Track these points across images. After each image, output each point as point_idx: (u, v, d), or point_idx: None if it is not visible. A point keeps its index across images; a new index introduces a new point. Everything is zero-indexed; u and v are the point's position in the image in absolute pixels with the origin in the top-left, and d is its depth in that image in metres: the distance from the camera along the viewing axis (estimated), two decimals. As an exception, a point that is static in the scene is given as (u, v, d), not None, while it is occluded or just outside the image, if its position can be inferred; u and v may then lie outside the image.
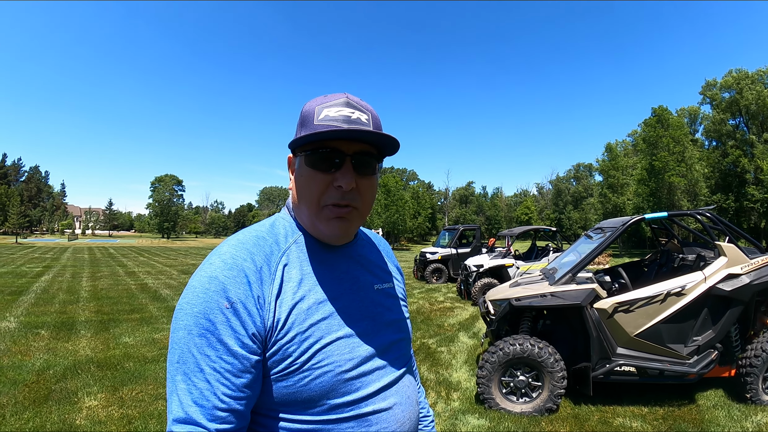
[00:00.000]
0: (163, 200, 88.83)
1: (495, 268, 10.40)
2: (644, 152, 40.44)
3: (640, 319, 4.16)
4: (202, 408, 0.71)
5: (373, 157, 0.88)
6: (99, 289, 11.68)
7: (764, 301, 4.53)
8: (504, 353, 4.04)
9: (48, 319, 7.61)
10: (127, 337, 6.46)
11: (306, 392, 0.77)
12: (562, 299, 4.19)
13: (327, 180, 0.84)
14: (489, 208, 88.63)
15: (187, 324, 0.74)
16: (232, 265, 0.77)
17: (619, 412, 4.13)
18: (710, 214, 4.86)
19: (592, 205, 59.53)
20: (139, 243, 60.64)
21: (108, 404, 4.01)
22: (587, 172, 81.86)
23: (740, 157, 39.87)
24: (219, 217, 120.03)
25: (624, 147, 56.49)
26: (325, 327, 0.81)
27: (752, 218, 40.01)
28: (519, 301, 4.34)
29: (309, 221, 0.88)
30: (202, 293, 0.74)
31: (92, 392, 4.26)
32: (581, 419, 3.98)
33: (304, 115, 0.87)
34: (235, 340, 0.73)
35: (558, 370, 3.99)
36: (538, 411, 4.01)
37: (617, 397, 4.43)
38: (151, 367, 5.09)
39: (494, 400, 4.09)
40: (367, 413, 0.82)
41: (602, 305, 4.15)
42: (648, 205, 38.05)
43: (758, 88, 40.02)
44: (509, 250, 11.08)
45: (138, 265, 20.54)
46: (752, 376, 4.19)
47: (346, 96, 0.88)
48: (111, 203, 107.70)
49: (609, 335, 4.15)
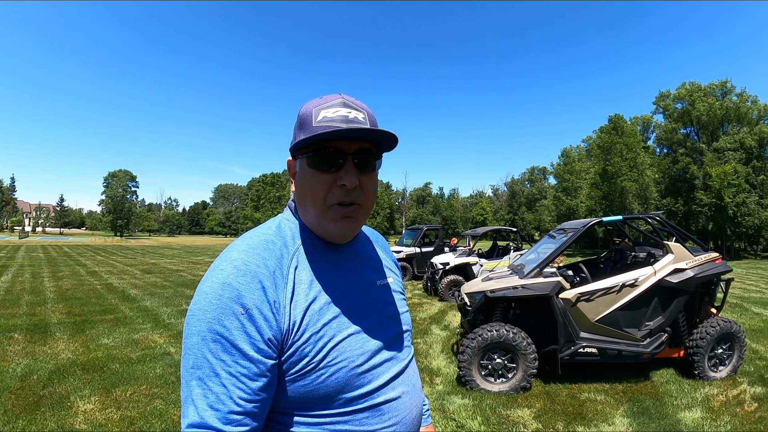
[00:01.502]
0: (116, 196, 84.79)
1: (460, 266, 10.88)
2: (598, 157, 42.67)
3: (599, 307, 4.68)
4: (218, 412, 0.72)
5: (373, 154, 0.90)
6: (64, 290, 11.35)
7: (707, 293, 5.18)
8: (482, 339, 4.45)
9: (18, 321, 7.43)
10: (105, 338, 6.42)
11: (323, 389, 0.80)
12: (533, 290, 4.64)
13: (330, 180, 0.86)
14: (445, 209, 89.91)
15: (200, 330, 0.75)
16: (245, 271, 0.78)
17: (585, 389, 4.65)
18: (660, 217, 5.46)
19: (546, 206, 61.73)
20: (93, 241, 58.10)
21: (104, 407, 4.01)
22: (542, 175, 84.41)
23: (690, 164, 41.95)
24: (173, 214, 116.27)
25: (578, 152, 58.57)
26: (337, 325, 0.84)
27: (700, 221, 42.31)
28: (494, 293, 4.75)
29: (316, 221, 0.89)
30: (215, 299, 0.75)
31: (85, 396, 4.24)
32: (552, 395, 4.46)
33: (301, 118, 0.89)
34: (250, 345, 0.75)
35: (530, 353, 4.45)
36: (514, 390, 4.46)
37: (582, 376, 4.96)
38: (139, 367, 5.12)
39: (475, 382, 4.50)
40: (380, 403, 0.86)
41: (567, 295, 4.64)
42: (600, 208, 40.14)
43: (710, 101, 42.00)
44: (472, 249, 11.60)
45: (97, 265, 19.85)
46: (699, 355, 4.82)
47: (342, 96, 0.90)
48: (62, 199, 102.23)
49: (573, 321, 4.63)
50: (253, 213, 69.02)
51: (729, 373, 4.96)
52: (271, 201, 70.98)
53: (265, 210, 68.56)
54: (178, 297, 10.59)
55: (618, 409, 4.14)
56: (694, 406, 4.21)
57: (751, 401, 4.34)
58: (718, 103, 41.87)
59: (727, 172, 35.30)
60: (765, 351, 6.10)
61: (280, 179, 76.51)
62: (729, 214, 35.23)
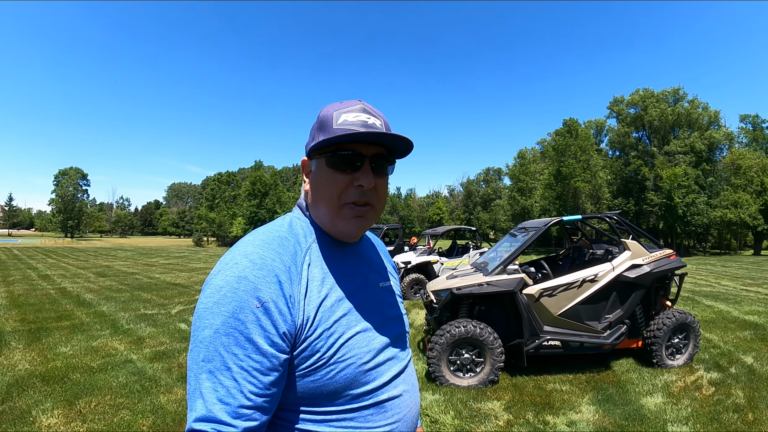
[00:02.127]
0: (66, 195, 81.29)
1: (421, 265, 11.00)
2: (552, 159, 44.11)
3: (561, 302, 4.88)
4: (228, 406, 0.72)
5: (387, 159, 0.94)
6: (16, 295, 10.79)
7: (662, 287, 5.48)
8: (450, 335, 4.55)
9: (-33, 331, 7.01)
10: (63, 346, 6.15)
11: (331, 385, 0.82)
12: (497, 287, 4.79)
13: (347, 180, 0.88)
14: (403, 208, 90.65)
15: (213, 323, 0.75)
16: (262, 265, 0.79)
17: (550, 380, 4.84)
18: (617, 217, 5.72)
19: (501, 206, 63.10)
20: (43, 243, 55.39)
21: (68, 420, 3.84)
22: (497, 176, 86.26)
23: (641, 167, 44.08)
24: (125, 215, 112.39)
25: (533, 153, 60.25)
26: (346, 322, 0.86)
27: (651, 220, 44.57)
28: (460, 290, 4.86)
29: (328, 219, 0.92)
30: (230, 293, 0.76)
31: (47, 409, 4.04)
32: (519, 387, 4.63)
33: (321, 120, 0.91)
34: (264, 339, 0.75)
35: (497, 347, 4.59)
36: (482, 383, 4.59)
37: (547, 368, 5.17)
38: (101, 376, 4.94)
39: (444, 377, 4.60)
40: (383, 400, 0.89)
41: (530, 291, 4.81)
42: (554, 208, 41.64)
43: (662, 106, 44.03)
44: (432, 248, 11.78)
45: (49, 268, 18.92)
46: (656, 345, 5.08)
47: (362, 103, 0.93)
48: (11, 198, 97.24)
49: (537, 316, 4.81)
50: (207, 213, 66.61)
51: (686, 361, 5.22)
52: (226, 200, 68.85)
53: (220, 210, 66.35)
54: (135, 301, 10.27)
55: (583, 398, 4.33)
56: (655, 392, 4.43)
57: (708, 386, 4.60)
58: (670, 109, 43.93)
59: (678, 174, 37.29)
60: (718, 340, 6.41)
61: (236, 178, 74.45)
62: (679, 213, 37.34)
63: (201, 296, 0.79)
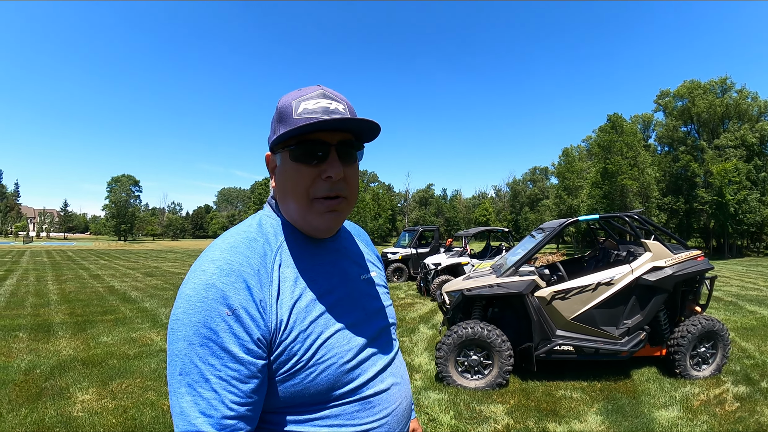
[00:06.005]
0: (119, 201, 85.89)
1: (452, 266, 11.07)
2: (598, 156, 42.33)
3: (575, 305, 4.77)
4: (210, 418, 0.70)
5: (354, 145, 0.89)
6: (67, 292, 11.63)
7: (691, 290, 5.16)
8: (458, 336, 4.62)
9: (23, 321, 7.70)
10: (105, 336, 6.67)
11: (313, 387, 0.79)
12: (506, 289, 4.80)
13: (313, 173, 0.84)
14: (448, 210, 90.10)
15: (186, 335, 0.72)
16: (229, 271, 0.75)
17: (561, 386, 4.75)
18: (638, 216, 5.47)
19: (548, 206, 61.12)
20: (96, 246, 58.55)
21: (100, 397, 4.28)
22: (543, 175, 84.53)
23: (690, 162, 41.77)
24: (176, 218, 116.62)
25: (579, 151, 58.44)
26: (324, 322, 0.82)
27: (702, 219, 42.17)
28: (470, 291, 4.92)
29: (299, 216, 0.87)
30: (199, 302, 0.72)
31: (83, 387, 4.52)
32: (528, 392, 4.59)
33: (280, 110, 0.86)
34: (239, 347, 0.72)
35: (505, 350, 4.58)
36: (490, 386, 4.61)
37: (560, 373, 5.07)
38: (135, 363, 5.37)
39: (451, 378, 4.67)
40: (369, 395, 0.86)
41: (541, 294, 4.76)
42: (601, 207, 39.87)
43: (710, 98, 41.94)
44: (466, 250, 11.77)
45: (100, 269, 20.18)
46: (680, 354, 4.81)
47: (321, 88, 0.88)
48: (66, 204, 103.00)
49: (548, 319, 4.75)
50: (256, 216, 69.29)
51: (713, 372, 4.92)
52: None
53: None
54: (178, 299, 10.87)
55: (592, 407, 4.16)
56: (671, 405, 4.19)
57: (732, 401, 4.29)
58: (718, 100, 41.80)
59: (728, 170, 35.10)
60: (754, 350, 5.99)
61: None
62: (730, 211, 35.01)
63: (173, 307, 0.76)
